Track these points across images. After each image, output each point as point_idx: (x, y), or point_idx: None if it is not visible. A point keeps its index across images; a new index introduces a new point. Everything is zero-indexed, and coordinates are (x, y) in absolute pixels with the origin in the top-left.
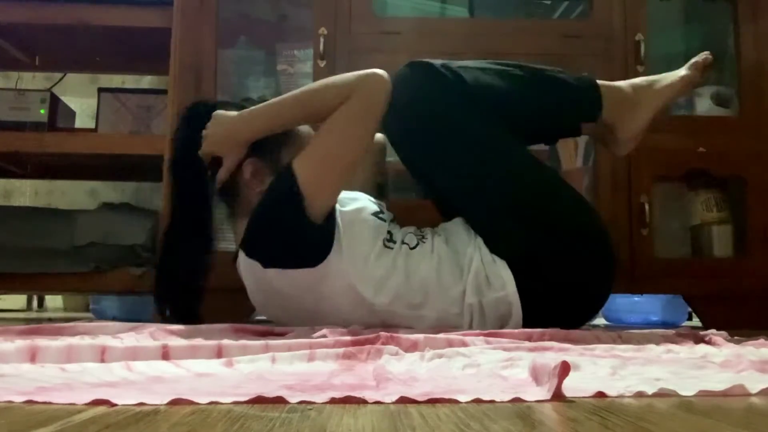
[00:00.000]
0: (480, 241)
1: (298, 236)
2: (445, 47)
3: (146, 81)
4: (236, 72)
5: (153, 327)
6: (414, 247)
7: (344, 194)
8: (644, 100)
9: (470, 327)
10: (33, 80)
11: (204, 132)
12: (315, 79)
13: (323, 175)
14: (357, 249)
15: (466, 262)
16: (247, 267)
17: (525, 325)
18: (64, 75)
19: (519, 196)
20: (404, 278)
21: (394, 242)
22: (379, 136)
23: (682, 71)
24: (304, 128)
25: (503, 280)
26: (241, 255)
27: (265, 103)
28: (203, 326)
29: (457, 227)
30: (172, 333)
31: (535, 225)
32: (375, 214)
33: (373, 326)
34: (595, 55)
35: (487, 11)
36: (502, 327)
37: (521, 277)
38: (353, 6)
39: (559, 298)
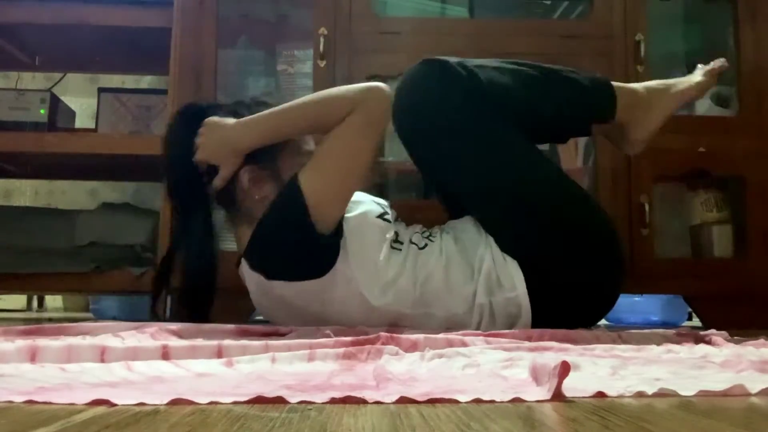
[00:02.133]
0: (491, 240)
1: (305, 250)
2: (445, 47)
3: (146, 81)
4: (236, 72)
5: (155, 327)
6: (423, 248)
7: None
8: (658, 102)
9: (478, 327)
10: (33, 80)
11: (197, 140)
12: (315, 79)
13: (330, 189)
14: (365, 255)
15: (477, 262)
16: (251, 275)
17: (534, 326)
18: (64, 75)
19: (531, 196)
20: (413, 279)
21: (401, 243)
22: None
23: (697, 77)
24: None
25: (514, 281)
26: (245, 264)
27: (264, 112)
28: (206, 326)
29: (466, 225)
30: (174, 333)
31: (547, 225)
32: (380, 216)
33: (379, 327)
34: (595, 55)
35: (487, 11)
36: (510, 327)
37: (532, 277)
38: (353, 6)
39: (569, 298)
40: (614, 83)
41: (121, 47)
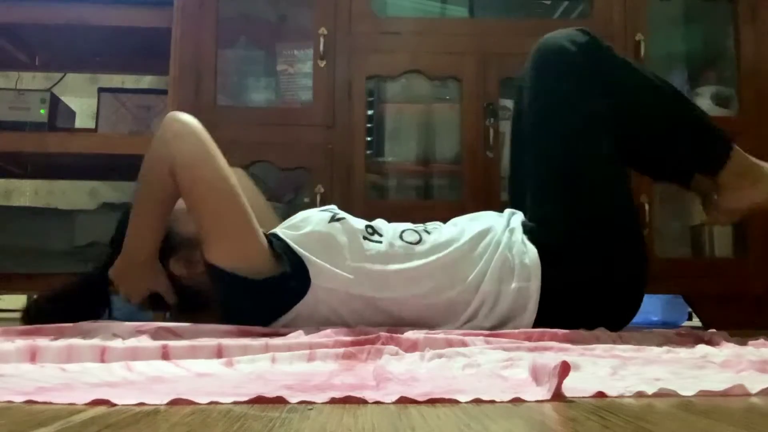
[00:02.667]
0: (516, 230)
1: (270, 298)
2: (445, 47)
3: (146, 81)
4: (236, 72)
5: (154, 326)
6: (417, 243)
7: (291, 221)
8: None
9: (475, 313)
10: (33, 80)
11: (120, 292)
12: (315, 79)
13: (234, 245)
14: (336, 260)
15: (490, 249)
16: None
17: (536, 324)
18: (64, 75)
19: (587, 192)
20: (406, 267)
21: (381, 234)
22: (236, 170)
23: None
24: None
25: (529, 272)
26: None
27: (130, 222)
28: (206, 326)
29: (486, 215)
30: (175, 333)
31: (586, 217)
32: (333, 219)
33: (380, 324)
34: None
35: (487, 11)
36: (509, 321)
37: (550, 270)
38: (353, 6)
39: (581, 299)
40: (735, 145)
41: (121, 47)
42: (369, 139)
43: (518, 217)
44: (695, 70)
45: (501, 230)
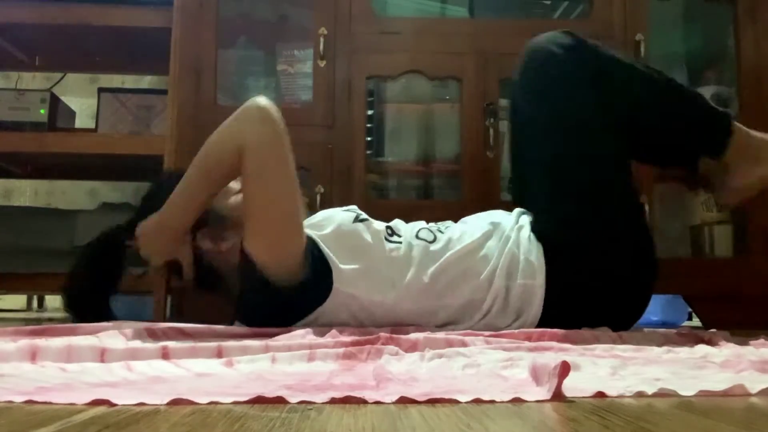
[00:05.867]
0: (524, 228)
1: (290, 303)
2: (445, 47)
3: (146, 81)
4: (236, 72)
5: (165, 326)
6: (432, 241)
7: (312, 220)
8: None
9: (488, 311)
10: (33, 80)
11: (140, 250)
12: (315, 78)
13: (277, 240)
14: (360, 263)
15: (500, 245)
16: None
17: (542, 322)
18: (64, 75)
19: (592, 188)
20: (422, 270)
21: (400, 235)
22: None
23: None
24: None
25: (534, 269)
26: None
27: (177, 187)
28: (219, 327)
29: (496, 213)
30: (187, 334)
31: (589, 216)
32: (357, 220)
33: (390, 325)
34: None
35: (487, 11)
36: (518, 319)
37: (556, 268)
38: (353, 6)
39: (587, 296)
40: (735, 122)
41: (121, 47)
42: (369, 139)
43: (527, 216)
44: (695, 70)
45: (510, 227)
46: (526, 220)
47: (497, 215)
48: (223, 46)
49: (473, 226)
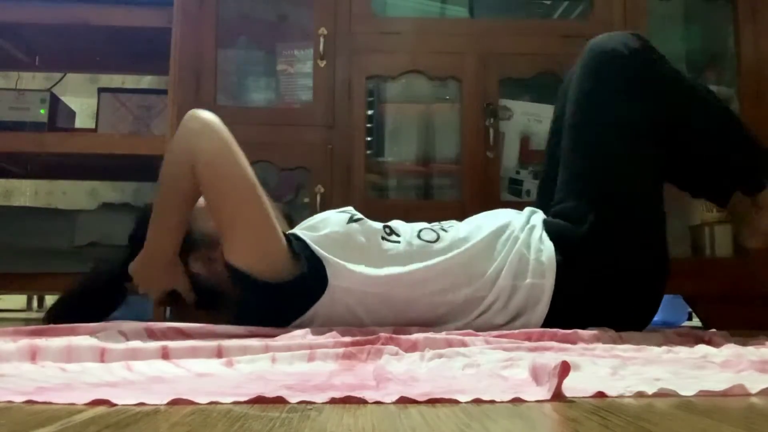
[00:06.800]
0: (536, 227)
1: (287, 301)
2: (445, 47)
3: (146, 81)
4: (236, 72)
5: (165, 326)
6: (435, 241)
7: (309, 222)
8: None
9: (487, 309)
10: (33, 80)
11: (139, 289)
12: (315, 79)
13: (254, 244)
14: (354, 260)
15: (508, 245)
16: None
17: (546, 322)
18: (64, 75)
19: (616, 191)
20: (424, 266)
21: (399, 235)
22: None
23: None
24: None
25: (544, 269)
26: None
27: (152, 217)
28: (219, 327)
29: (504, 212)
30: (186, 334)
31: (611, 217)
32: (351, 220)
33: (394, 322)
34: None
35: (487, 11)
36: (522, 316)
37: (567, 268)
38: (353, 6)
39: (595, 297)
40: None
41: (121, 47)
42: (369, 139)
43: (539, 215)
44: (695, 70)
45: (519, 227)
46: (537, 219)
47: (506, 214)
48: (223, 46)
49: (480, 225)
